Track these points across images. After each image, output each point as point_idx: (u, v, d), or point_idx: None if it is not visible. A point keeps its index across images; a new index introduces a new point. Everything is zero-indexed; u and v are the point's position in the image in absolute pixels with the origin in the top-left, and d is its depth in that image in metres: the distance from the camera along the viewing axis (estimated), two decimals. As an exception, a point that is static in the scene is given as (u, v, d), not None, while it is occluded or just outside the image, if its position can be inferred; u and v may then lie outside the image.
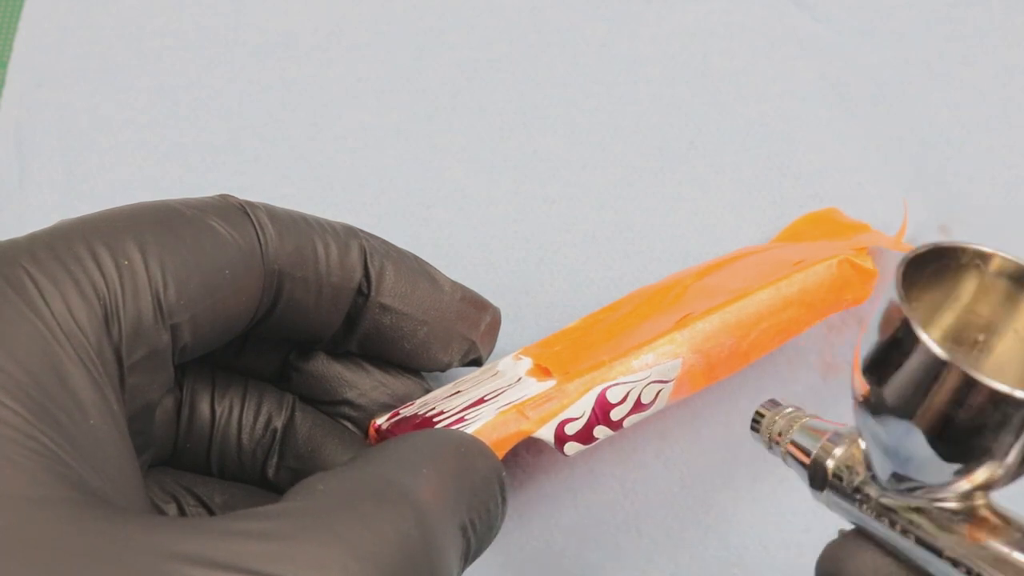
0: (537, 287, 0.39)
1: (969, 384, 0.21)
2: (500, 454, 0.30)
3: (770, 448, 0.28)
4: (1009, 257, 0.24)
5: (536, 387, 0.31)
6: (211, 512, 0.30)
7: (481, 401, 0.31)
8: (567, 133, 0.43)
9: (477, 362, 0.34)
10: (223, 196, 0.29)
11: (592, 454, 0.35)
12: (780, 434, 0.28)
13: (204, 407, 0.31)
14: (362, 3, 0.47)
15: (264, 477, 0.32)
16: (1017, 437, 0.22)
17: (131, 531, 0.22)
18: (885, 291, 0.23)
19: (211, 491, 0.31)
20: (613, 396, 0.31)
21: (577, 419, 0.31)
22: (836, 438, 0.27)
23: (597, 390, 0.31)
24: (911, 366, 0.22)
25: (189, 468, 0.32)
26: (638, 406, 0.32)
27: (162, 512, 0.30)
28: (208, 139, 0.43)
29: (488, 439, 0.29)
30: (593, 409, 0.31)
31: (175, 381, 0.30)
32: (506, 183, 0.42)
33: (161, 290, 0.26)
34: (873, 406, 0.23)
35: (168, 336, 0.27)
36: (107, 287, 0.26)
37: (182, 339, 0.27)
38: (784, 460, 0.28)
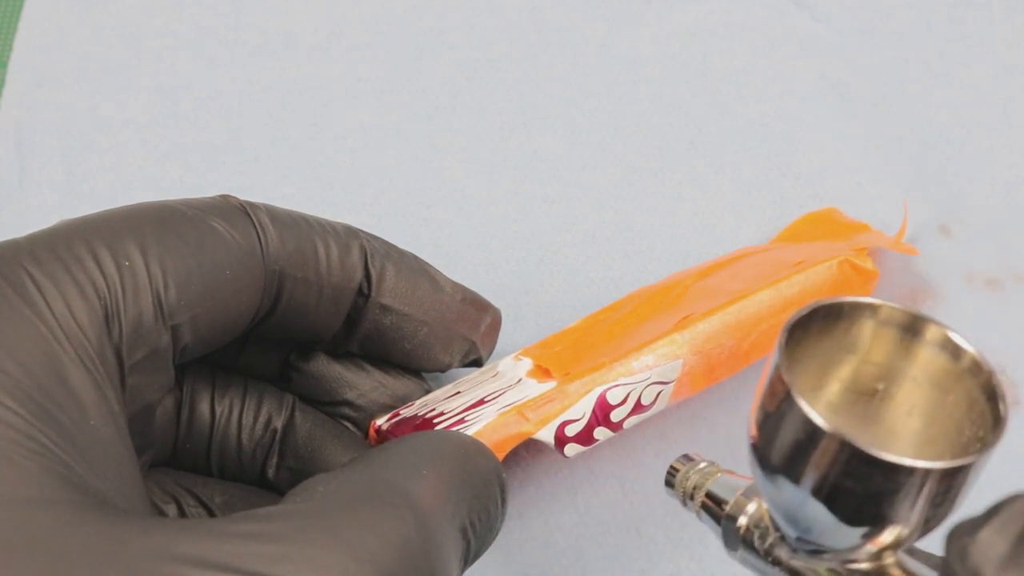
0: (537, 287, 0.39)
1: (854, 454, 0.21)
2: (500, 455, 0.30)
3: (684, 504, 0.28)
4: (896, 307, 0.23)
5: (536, 388, 0.31)
6: (211, 513, 0.30)
7: (481, 402, 0.31)
8: (567, 133, 0.43)
9: (477, 363, 0.34)
10: (224, 196, 0.29)
11: (592, 455, 0.35)
12: (695, 489, 0.27)
13: (204, 407, 0.31)
14: (362, 3, 0.47)
15: (264, 477, 0.32)
16: (915, 501, 0.21)
17: (131, 532, 0.22)
18: (771, 356, 0.22)
19: (211, 491, 0.31)
20: (613, 397, 0.31)
21: (577, 421, 0.31)
22: (749, 493, 0.26)
23: (597, 391, 0.31)
24: (795, 434, 0.21)
25: (189, 468, 0.32)
26: (638, 407, 0.32)
27: (162, 512, 0.30)
28: (208, 139, 0.43)
29: (488, 440, 0.29)
30: (593, 411, 0.31)
31: (175, 381, 0.30)
32: (506, 183, 0.42)
33: (162, 290, 0.26)
34: (764, 464, 0.23)
35: (168, 336, 0.27)
36: (108, 287, 0.26)
37: (182, 339, 0.27)
38: (698, 516, 0.27)
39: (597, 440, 0.32)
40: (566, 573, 0.34)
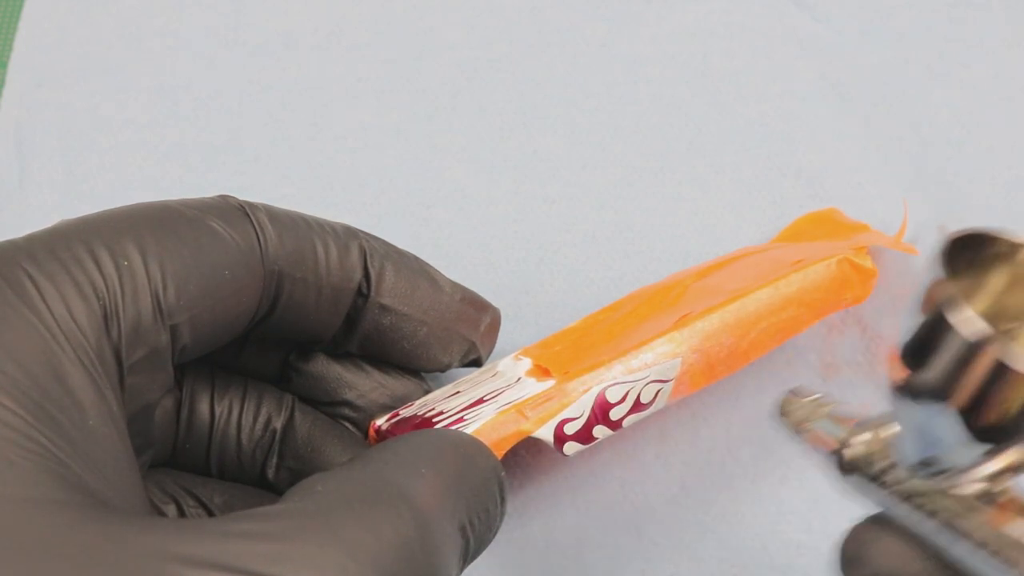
0: (537, 287, 0.39)
1: (1005, 367, 0.21)
2: (499, 454, 0.30)
3: (796, 435, 0.28)
4: None
5: (535, 387, 0.31)
6: (210, 513, 0.30)
7: (480, 401, 0.31)
8: (567, 133, 0.43)
9: (477, 363, 0.34)
10: (223, 197, 0.29)
11: (592, 455, 0.35)
12: (805, 421, 0.28)
13: (204, 407, 0.31)
14: (362, 3, 0.47)
15: (264, 478, 0.32)
16: None
17: (129, 533, 0.22)
18: (926, 272, 0.23)
19: (210, 492, 0.31)
20: (612, 396, 0.31)
21: (576, 419, 0.31)
22: (862, 425, 0.26)
23: (596, 390, 0.31)
24: (950, 346, 0.22)
25: (188, 469, 0.32)
26: (637, 406, 0.32)
27: (161, 513, 0.30)
28: (208, 139, 0.43)
29: (487, 439, 0.29)
30: (592, 409, 0.31)
31: (175, 382, 0.30)
32: (506, 183, 0.42)
33: (160, 291, 0.26)
34: (910, 389, 0.23)
35: (167, 336, 0.27)
36: (107, 288, 0.26)
37: (181, 340, 0.27)
38: (810, 446, 0.28)
39: (596, 438, 0.32)
40: (566, 573, 0.34)
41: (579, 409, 0.31)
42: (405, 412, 0.32)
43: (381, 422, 0.32)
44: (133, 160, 0.42)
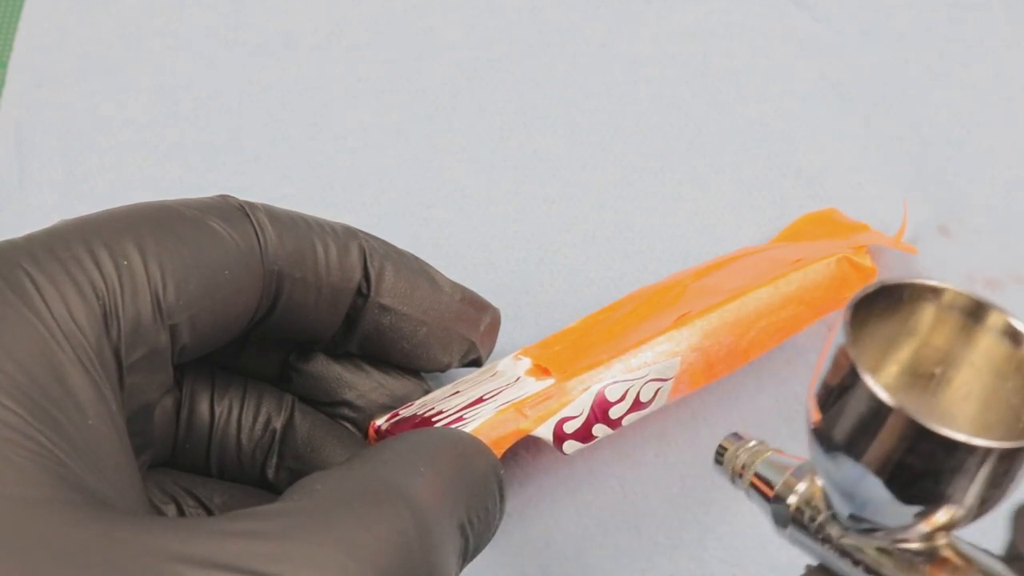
0: (537, 287, 0.39)
1: (919, 431, 0.21)
2: (499, 452, 0.30)
3: (733, 482, 0.28)
4: (960, 291, 0.23)
5: (534, 386, 0.31)
6: (210, 513, 0.30)
7: (480, 401, 0.31)
8: (567, 133, 0.43)
9: (477, 362, 0.34)
10: (222, 196, 0.29)
11: (592, 454, 0.35)
12: (743, 467, 0.28)
13: (203, 407, 0.31)
14: (362, 3, 0.47)
15: (264, 478, 0.32)
16: (973, 480, 0.21)
17: (128, 532, 0.22)
18: (835, 332, 0.22)
19: (210, 492, 0.31)
20: (612, 394, 0.31)
21: (576, 417, 0.31)
22: (799, 473, 0.26)
23: (595, 388, 0.31)
24: (859, 411, 0.22)
25: (188, 469, 0.32)
26: (637, 404, 0.32)
27: (161, 513, 0.30)
28: (208, 139, 0.43)
29: (486, 438, 0.29)
30: (592, 407, 0.31)
31: (174, 382, 0.30)
32: (506, 183, 0.42)
33: (160, 290, 0.26)
34: (825, 441, 0.23)
35: (167, 336, 0.27)
36: (106, 287, 0.26)
37: (181, 339, 0.27)
38: (747, 495, 0.28)
39: (596, 437, 0.32)
40: (566, 573, 0.34)
41: (578, 408, 0.31)
42: (405, 412, 0.32)
43: (381, 422, 0.32)
44: (133, 160, 0.42)
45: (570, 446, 0.31)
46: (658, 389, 0.32)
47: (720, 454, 0.28)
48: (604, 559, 0.34)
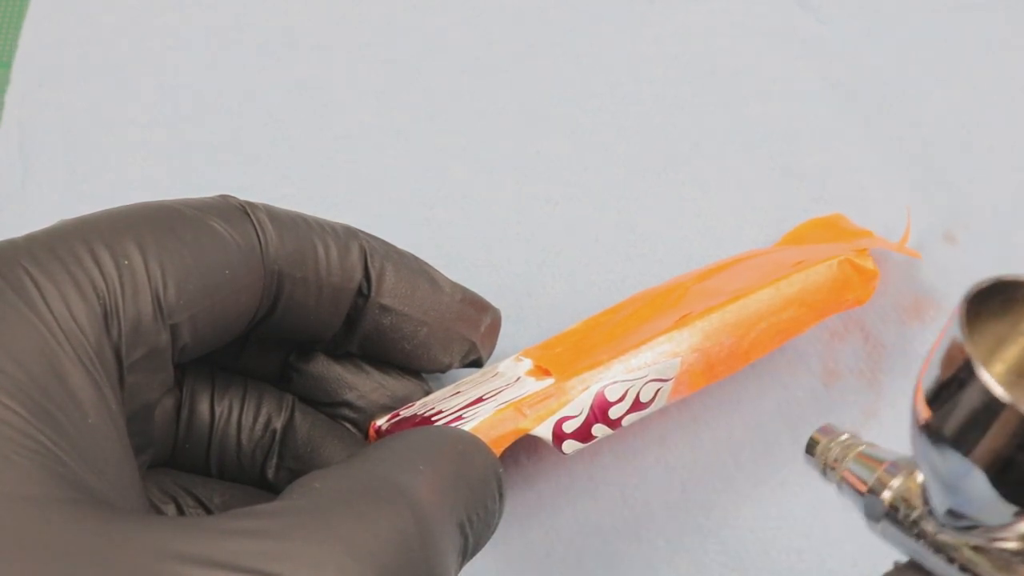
0: (539, 289, 0.39)
1: None
2: (498, 451, 0.29)
3: (824, 474, 0.28)
4: None
5: (534, 385, 0.31)
6: (210, 513, 0.30)
7: (479, 400, 0.31)
8: (570, 134, 0.43)
9: (477, 363, 0.34)
10: (223, 196, 0.29)
11: (592, 460, 0.35)
12: (836, 461, 0.27)
13: (204, 408, 0.31)
14: (363, 3, 0.47)
15: (264, 478, 0.32)
16: None
17: (127, 530, 0.22)
18: (948, 326, 0.22)
19: (210, 492, 0.31)
20: (611, 394, 0.31)
21: (575, 417, 0.31)
22: (893, 468, 0.26)
23: (595, 388, 0.31)
24: (972, 405, 0.21)
25: (188, 469, 0.32)
26: (636, 405, 0.32)
27: (161, 512, 0.30)
28: (210, 139, 0.43)
29: (486, 436, 0.29)
30: (591, 407, 0.31)
31: (175, 382, 0.30)
32: (508, 184, 0.42)
33: (161, 290, 0.26)
34: (933, 436, 0.23)
35: (167, 336, 0.27)
36: (107, 287, 0.26)
37: (181, 339, 0.27)
38: (839, 488, 0.27)
39: (595, 437, 0.32)
40: (566, 579, 0.34)
41: (578, 407, 0.31)
42: (405, 412, 0.32)
43: (381, 423, 0.32)
44: (135, 160, 0.42)
45: (569, 446, 0.31)
46: (658, 390, 0.32)
47: (812, 446, 0.28)
48: (604, 566, 0.34)
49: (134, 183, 0.42)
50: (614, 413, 0.31)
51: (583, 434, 0.31)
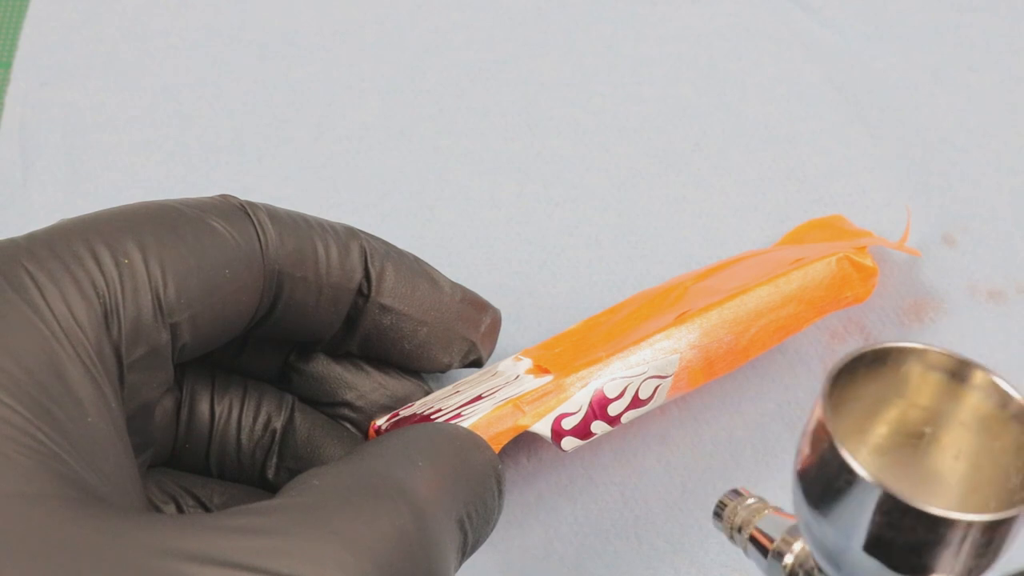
0: (540, 289, 0.39)
1: (898, 506, 0.21)
2: (496, 448, 0.29)
3: (731, 538, 0.28)
4: (942, 352, 0.23)
5: (533, 383, 0.31)
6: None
7: (478, 398, 0.31)
8: (571, 135, 0.43)
9: (477, 363, 0.34)
10: (223, 196, 0.29)
11: (592, 461, 0.35)
12: (742, 525, 0.28)
13: (204, 407, 0.31)
14: (366, 3, 0.47)
15: (264, 478, 0.32)
16: (958, 552, 0.21)
17: (126, 528, 0.22)
18: (815, 403, 0.22)
19: (210, 492, 0.31)
20: (610, 391, 0.31)
21: (574, 414, 0.31)
22: (795, 532, 0.26)
23: (594, 385, 0.31)
24: (839, 485, 0.21)
25: (188, 469, 0.32)
26: (636, 401, 0.32)
27: (160, 512, 0.30)
28: (211, 139, 0.43)
29: (484, 434, 0.29)
30: (590, 404, 0.31)
31: (175, 381, 0.30)
32: (510, 185, 0.42)
33: (161, 289, 0.26)
34: (809, 512, 0.23)
35: (167, 335, 0.27)
36: (107, 286, 0.26)
37: (182, 338, 0.27)
38: (745, 551, 0.28)
39: (595, 434, 0.32)
40: (566, 581, 0.34)
41: (577, 404, 0.31)
42: (405, 412, 0.32)
43: (381, 422, 0.32)
44: (136, 159, 0.42)
45: (569, 443, 0.31)
46: (657, 386, 0.32)
47: (720, 509, 0.29)
48: (604, 567, 0.34)
49: (135, 183, 0.42)
50: (613, 410, 0.31)
51: (582, 431, 0.31)
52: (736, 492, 0.29)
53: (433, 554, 0.24)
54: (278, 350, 0.33)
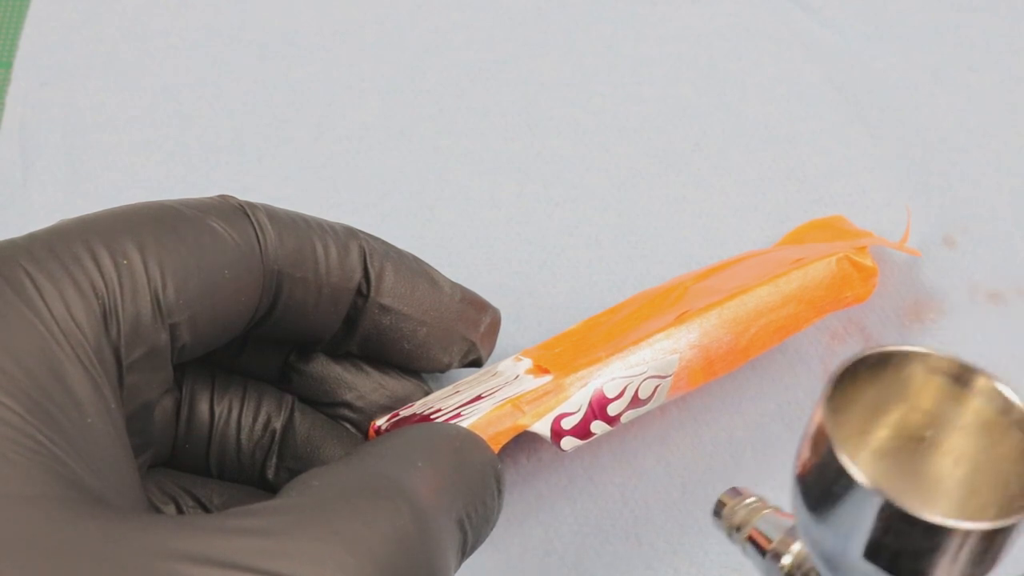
0: (540, 289, 0.39)
1: (895, 513, 0.21)
2: (496, 448, 0.29)
3: (730, 536, 0.28)
4: (944, 356, 0.23)
5: (532, 382, 0.31)
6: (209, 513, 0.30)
7: (478, 398, 0.31)
8: (571, 135, 0.43)
9: (477, 363, 0.34)
10: (223, 196, 0.29)
11: (592, 462, 0.35)
12: (741, 524, 0.28)
13: (203, 408, 0.31)
14: (366, 3, 0.47)
15: (263, 478, 0.32)
16: (956, 559, 0.21)
17: (126, 529, 0.22)
18: (816, 407, 0.22)
19: (210, 492, 0.31)
20: (610, 391, 0.31)
21: (573, 414, 0.31)
22: (794, 532, 0.26)
23: (594, 385, 0.31)
24: (837, 490, 0.21)
25: (188, 469, 0.32)
26: (635, 401, 0.32)
27: (160, 513, 0.30)
28: (211, 139, 0.43)
29: (484, 433, 0.29)
30: (590, 403, 0.31)
31: (175, 382, 0.30)
32: (510, 185, 0.42)
33: (160, 289, 0.26)
34: (808, 516, 0.23)
35: (167, 335, 0.27)
36: (106, 286, 0.26)
37: (181, 339, 0.27)
38: (743, 550, 0.28)
39: (594, 434, 0.31)
40: (565, 580, 0.34)
41: (576, 404, 0.31)
42: (404, 412, 0.32)
43: (381, 423, 0.32)
44: (136, 159, 0.42)
45: (568, 443, 0.31)
46: (657, 386, 0.32)
47: (719, 508, 0.29)
48: (604, 567, 0.34)
49: (135, 183, 0.42)
50: (613, 410, 0.31)
51: (582, 431, 0.31)
52: (736, 491, 0.29)
53: (433, 554, 0.24)
54: (278, 350, 0.33)
